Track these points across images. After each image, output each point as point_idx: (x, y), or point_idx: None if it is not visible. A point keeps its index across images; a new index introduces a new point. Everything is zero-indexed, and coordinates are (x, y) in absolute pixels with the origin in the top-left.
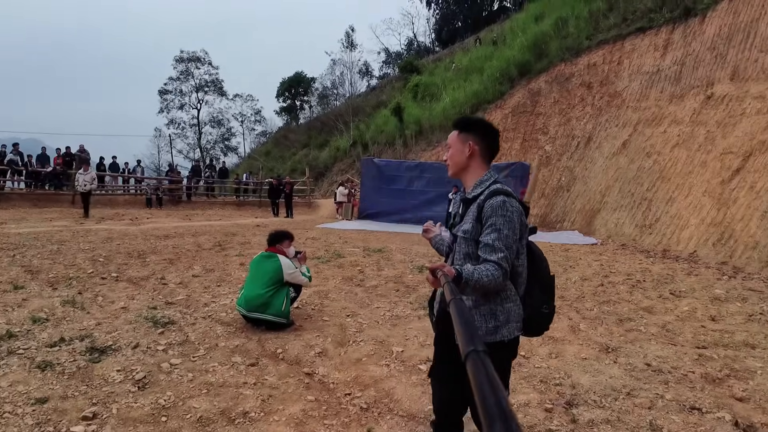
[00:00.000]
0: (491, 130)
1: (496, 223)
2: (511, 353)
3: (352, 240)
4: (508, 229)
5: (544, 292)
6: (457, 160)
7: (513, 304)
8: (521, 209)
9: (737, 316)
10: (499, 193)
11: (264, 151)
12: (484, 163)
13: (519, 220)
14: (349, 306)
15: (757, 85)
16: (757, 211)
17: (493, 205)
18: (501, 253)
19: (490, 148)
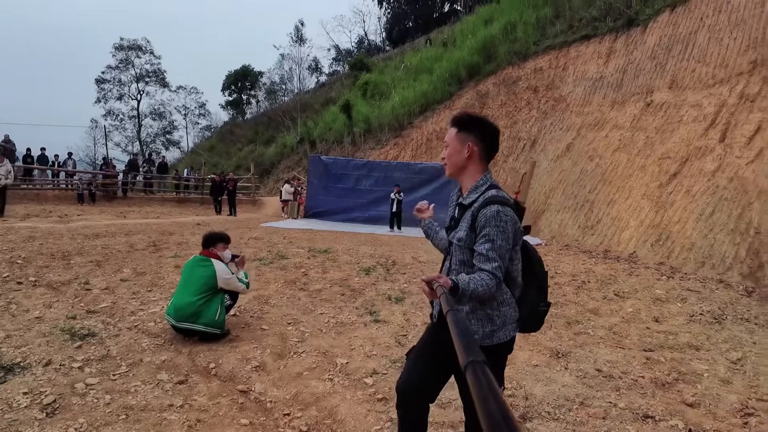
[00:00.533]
0: (492, 130)
1: (489, 233)
2: (507, 350)
3: (296, 240)
4: (502, 240)
5: (540, 290)
6: (455, 161)
7: (509, 307)
8: (515, 217)
9: (679, 317)
10: (493, 202)
11: (208, 146)
12: (482, 165)
13: (513, 229)
14: (291, 312)
15: (694, 94)
16: (692, 214)
17: (487, 215)
18: (495, 263)
19: (489, 148)
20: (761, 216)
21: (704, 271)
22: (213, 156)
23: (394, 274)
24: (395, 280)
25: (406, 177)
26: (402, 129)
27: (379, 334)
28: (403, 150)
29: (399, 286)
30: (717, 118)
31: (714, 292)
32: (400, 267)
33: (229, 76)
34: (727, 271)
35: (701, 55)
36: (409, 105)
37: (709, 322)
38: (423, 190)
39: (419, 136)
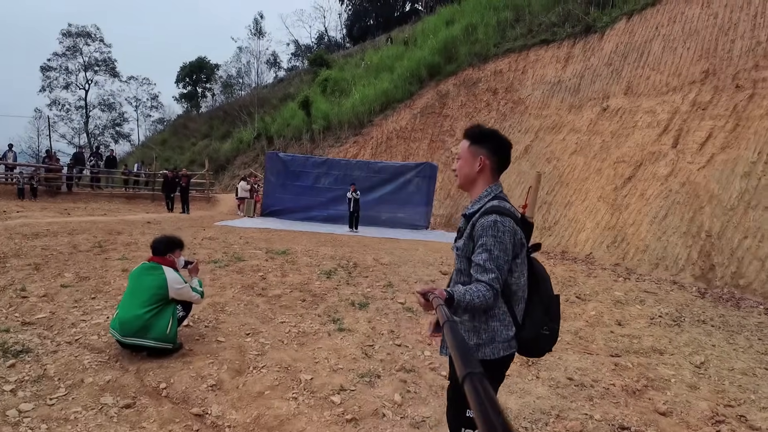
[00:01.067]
0: (504, 144)
1: (486, 243)
2: (493, 374)
3: (253, 240)
4: (499, 250)
5: (546, 313)
6: (466, 173)
7: (500, 323)
8: (514, 228)
9: (640, 319)
10: (492, 212)
11: (160, 140)
12: (493, 178)
13: (511, 240)
14: (249, 321)
15: (648, 100)
16: (646, 217)
17: (484, 225)
18: (492, 274)
19: (501, 162)
20: (712, 220)
21: (658, 273)
22: (165, 150)
23: (357, 277)
24: (358, 284)
25: (366, 176)
26: (362, 127)
27: (344, 344)
28: (363, 148)
29: (362, 291)
30: (670, 124)
31: (669, 294)
32: (362, 269)
33: (183, 67)
34: (680, 272)
35: (656, 63)
36: (370, 103)
37: (669, 324)
38: (382, 190)
39: (379, 135)
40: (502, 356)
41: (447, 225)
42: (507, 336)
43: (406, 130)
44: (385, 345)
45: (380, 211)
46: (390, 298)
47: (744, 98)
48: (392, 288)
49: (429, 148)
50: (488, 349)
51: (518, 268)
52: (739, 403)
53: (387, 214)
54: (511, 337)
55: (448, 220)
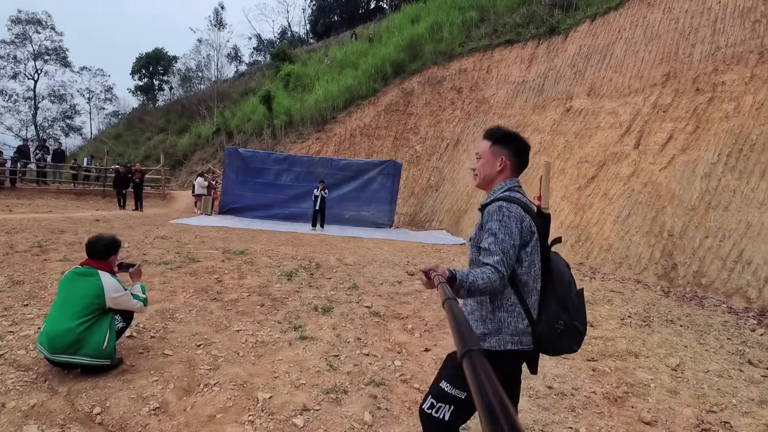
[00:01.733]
0: (525, 146)
1: (492, 227)
2: (499, 366)
3: (210, 239)
4: (504, 234)
5: (563, 308)
6: (487, 173)
7: (508, 314)
8: (521, 214)
9: (611, 320)
10: (499, 199)
11: (114, 134)
12: (512, 176)
13: (518, 226)
14: (202, 330)
15: (611, 102)
16: (609, 216)
17: (490, 211)
18: (497, 257)
19: (521, 164)
20: (673, 219)
21: (622, 272)
22: (119, 145)
23: (319, 278)
24: (321, 287)
25: (329, 173)
26: (325, 123)
27: (306, 355)
28: (326, 145)
29: (325, 294)
30: (632, 125)
31: (635, 293)
32: (324, 270)
33: (139, 59)
34: (643, 271)
35: (618, 65)
36: (333, 99)
37: (639, 325)
38: (346, 187)
39: (342, 131)
40: (510, 349)
41: (411, 223)
42: (516, 328)
43: (370, 128)
44: (351, 354)
45: (343, 209)
46: (355, 301)
47: (704, 101)
48: (357, 290)
49: (393, 146)
50: (494, 340)
51: (528, 258)
52: (721, 408)
53: (350, 212)
54: (521, 330)
55: (412, 218)
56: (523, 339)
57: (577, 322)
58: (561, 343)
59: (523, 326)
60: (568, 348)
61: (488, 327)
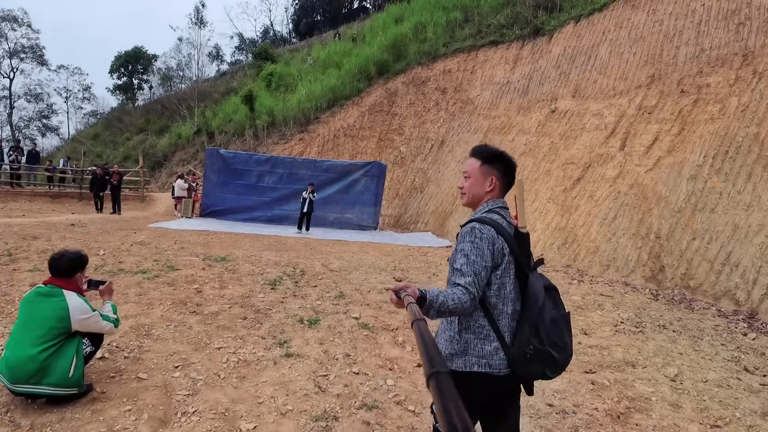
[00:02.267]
0: (514, 166)
1: (464, 248)
2: (469, 388)
3: (190, 245)
4: (475, 255)
5: (535, 333)
6: (476, 192)
7: (474, 336)
8: (494, 236)
9: (604, 327)
10: (474, 220)
11: (92, 134)
12: (499, 196)
13: (489, 248)
14: (180, 349)
15: (596, 103)
16: (596, 218)
17: (463, 232)
18: (469, 278)
19: (509, 183)
20: (660, 221)
21: (609, 274)
22: (97, 145)
23: (304, 287)
24: (306, 296)
25: (312, 175)
26: (308, 124)
27: (293, 375)
28: (309, 146)
29: (311, 304)
30: (617, 127)
31: (624, 297)
32: (310, 278)
33: (118, 57)
34: (631, 273)
35: (603, 67)
36: (316, 99)
37: (633, 331)
38: (330, 189)
39: (326, 132)
40: (476, 371)
41: (396, 225)
42: (482, 350)
43: (353, 128)
44: (341, 374)
45: (327, 212)
46: (343, 312)
47: (689, 103)
48: (344, 299)
49: (377, 147)
50: (460, 361)
51: (498, 280)
52: (725, 422)
53: (334, 215)
54: (488, 352)
55: (396, 220)
56: (492, 362)
57: (550, 348)
58: (533, 368)
59: (491, 348)
60: (541, 374)
61: (455, 348)
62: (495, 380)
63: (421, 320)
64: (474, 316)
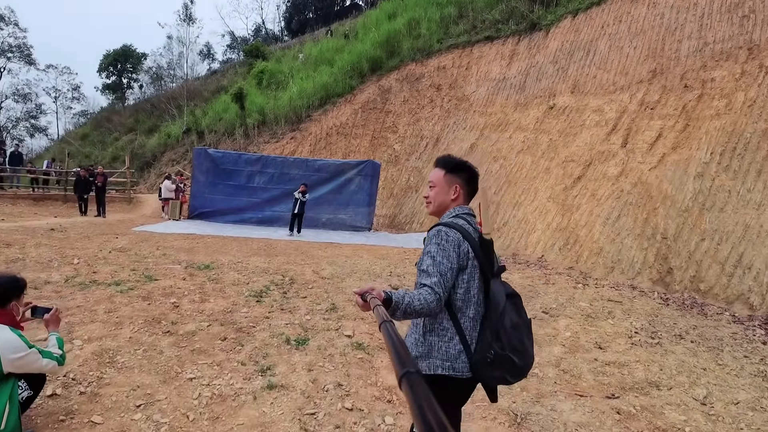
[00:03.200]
0: (476, 175)
1: (430, 250)
2: (436, 391)
3: (173, 251)
4: (441, 256)
5: (496, 338)
6: (442, 200)
7: (438, 338)
8: (459, 240)
9: (618, 339)
10: (440, 224)
11: (80, 134)
12: (464, 203)
13: (455, 250)
14: (146, 381)
15: (596, 99)
16: (599, 218)
17: (430, 234)
18: (435, 278)
19: (473, 191)
20: (666, 221)
21: (615, 276)
22: (86, 145)
23: (293, 298)
24: (295, 309)
25: (304, 174)
26: (300, 122)
27: (275, 413)
28: (301, 145)
29: (300, 319)
30: (618, 123)
31: (634, 302)
32: (299, 287)
33: (107, 56)
34: (637, 276)
35: (602, 62)
36: (308, 97)
37: (649, 343)
38: (322, 189)
39: (318, 131)
40: (440, 374)
41: (390, 226)
42: (447, 353)
43: (346, 126)
44: (331, 410)
45: (320, 212)
46: (334, 328)
47: (693, 98)
48: (336, 312)
49: (371, 145)
50: (424, 363)
51: (464, 284)
52: None
53: (327, 216)
54: (452, 355)
55: (391, 220)
56: (456, 365)
57: (511, 353)
58: (494, 373)
59: (455, 352)
60: (502, 379)
61: (419, 350)
62: (457, 383)
63: (389, 322)
64: (438, 318)
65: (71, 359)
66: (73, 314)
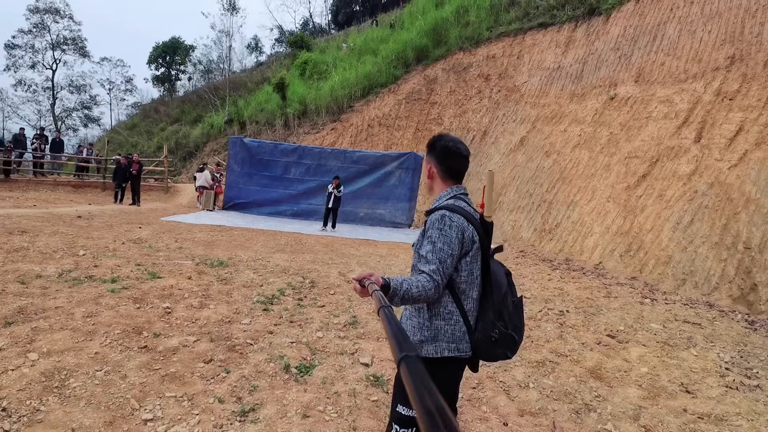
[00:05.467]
0: (448, 152)
1: (432, 236)
2: (435, 374)
3: (192, 244)
4: (443, 243)
5: (498, 317)
6: (424, 182)
7: (444, 322)
8: (463, 225)
9: (708, 379)
10: (442, 208)
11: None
12: (446, 184)
13: (458, 236)
14: (87, 421)
15: (664, 88)
16: (667, 222)
17: (432, 219)
18: (433, 266)
19: (450, 170)
20: (750, 229)
21: (686, 291)
22: (134, 135)
23: (309, 306)
24: (307, 322)
25: (342, 166)
26: (341, 113)
27: None
28: (342, 136)
29: (309, 336)
30: (691, 115)
31: (714, 325)
32: (320, 291)
33: (156, 48)
34: (713, 291)
35: (671, 47)
36: (350, 86)
37: (747, 386)
38: (360, 182)
39: (360, 122)
40: (447, 356)
41: None
42: (453, 336)
43: (389, 117)
44: None
45: (357, 207)
46: (350, 351)
47: None
48: (356, 329)
49: (414, 138)
50: (431, 347)
51: (468, 267)
52: None
53: (365, 210)
54: (458, 337)
55: None
56: (461, 346)
57: (513, 332)
58: (496, 351)
59: (460, 333)
60: (503, 355)
61: (425, 334)
62: (461, 363)
63: (387, 307)
64: (443, 302)
65: (15, 379)
66: (47, 317)
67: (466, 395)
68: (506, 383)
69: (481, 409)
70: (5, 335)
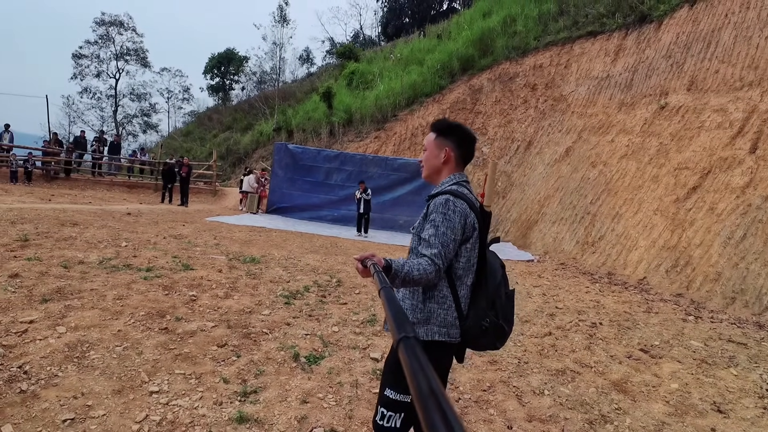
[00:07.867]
0: (469, 137)
1: (435, 219)
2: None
3: (229, 242)
4: (446, 227)
5: (491, 306)
6: (432, 164)
7: (438, 306)
8: (466, 211)
9: (745, 399)
10: (446, 193)
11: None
12: (456, 168)
13: (461, 222)
14: (97, 389)
15: (718, 97)
16: (718, 237)
17: (436, 203)
18: (436, 249)
19: (465, 155)
20: None
21: (736, 310)
22: (188, 141)
23: (330, 303)
24: (325, 317)
25: (383, 173)
26: (385, 121)
27: None
28: (385, 144)
29: (325, 330)
30: (746, 125)
31: (762, 346)
32: (344, 290)
33: (212, 58)
34: (765, 311)
35: (726, 54)
36: (395, 96)
37: None
38: (401, 190)
39: (403, 130)
40: (437, 340)
41: None
42: (444, 320)
43: None
44: None
45: (397, 214)
46: (363, 346)
47: None
48: (374, 326)
49: None
50: (422, 330)
51: (467, 253)
52: None
53: (405, 218)
54: (449, 322)
55: None
56: (451, 331)
57: (503, 322)
58: (485, 340)
59: (452, 319)
60: (491, 345)
61: (417, 317)
62: (450, 348)
63: (388, 287)
64: (438, 286)
65: (41, 347)
66: (81, 297)
67: (474, 397)
68: (520, 388)
69: (488, 412)
70: (40, 310)
